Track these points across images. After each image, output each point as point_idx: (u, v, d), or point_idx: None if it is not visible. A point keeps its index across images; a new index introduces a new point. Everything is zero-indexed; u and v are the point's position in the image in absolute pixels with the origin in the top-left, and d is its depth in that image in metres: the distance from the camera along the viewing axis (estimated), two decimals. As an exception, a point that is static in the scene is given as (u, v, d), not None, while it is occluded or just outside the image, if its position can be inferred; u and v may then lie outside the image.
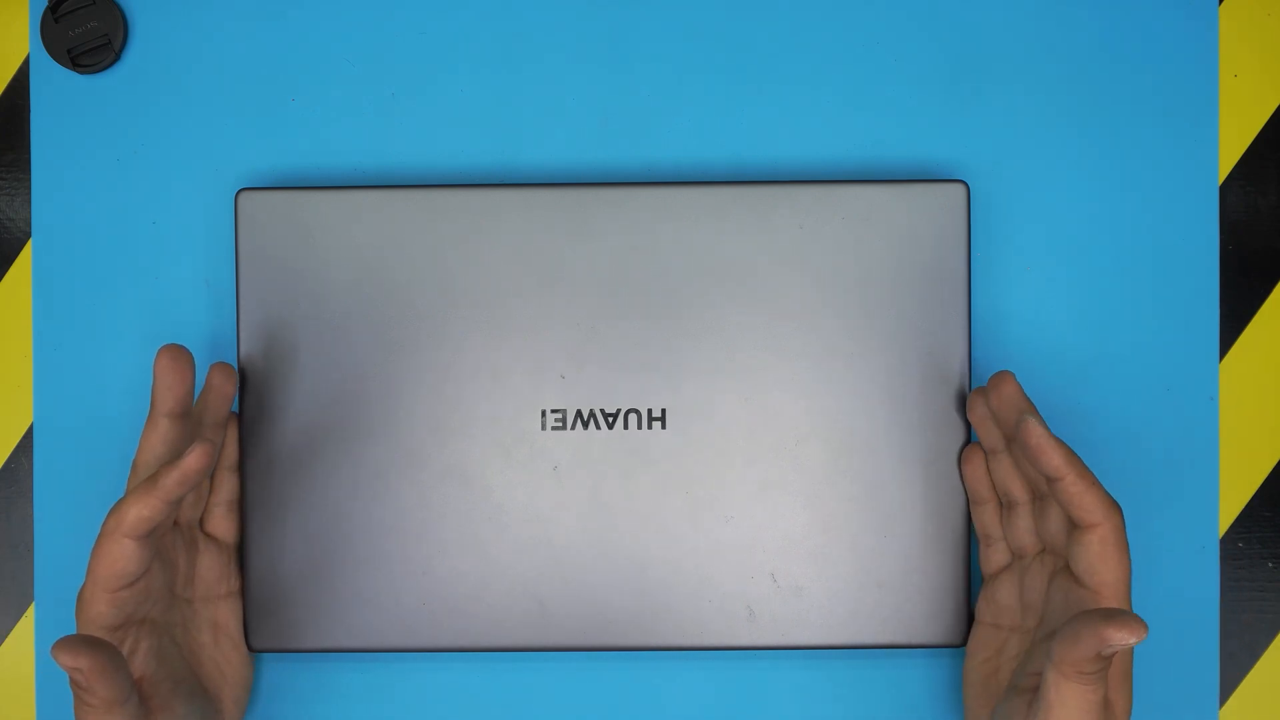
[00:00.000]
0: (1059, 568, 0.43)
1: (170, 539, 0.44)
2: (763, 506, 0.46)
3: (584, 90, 0.49)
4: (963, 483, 0.46)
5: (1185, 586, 0.49)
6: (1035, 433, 0.40)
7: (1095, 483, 0.41)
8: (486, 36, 0.50)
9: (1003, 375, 0.43)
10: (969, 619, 0.46)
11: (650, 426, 0.46)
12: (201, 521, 0.46)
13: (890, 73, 0.49)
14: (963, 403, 0.46)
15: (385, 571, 0.46)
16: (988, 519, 0.46)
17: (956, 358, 0.46)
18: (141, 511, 0.40)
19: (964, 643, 0.46)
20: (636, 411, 0.46)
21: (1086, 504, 0.40)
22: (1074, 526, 0.41)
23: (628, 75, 0.49)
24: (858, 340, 0.46)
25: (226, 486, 0.46)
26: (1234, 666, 0.49)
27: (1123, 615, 0.37)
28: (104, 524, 0.41)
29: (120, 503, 0.40)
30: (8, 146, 0.50)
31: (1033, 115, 0.49)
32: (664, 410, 0.46)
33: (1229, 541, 0.49)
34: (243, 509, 0.46)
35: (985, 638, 0.45)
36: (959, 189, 0.46)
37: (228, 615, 0.46)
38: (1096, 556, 0.40)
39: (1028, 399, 0.43)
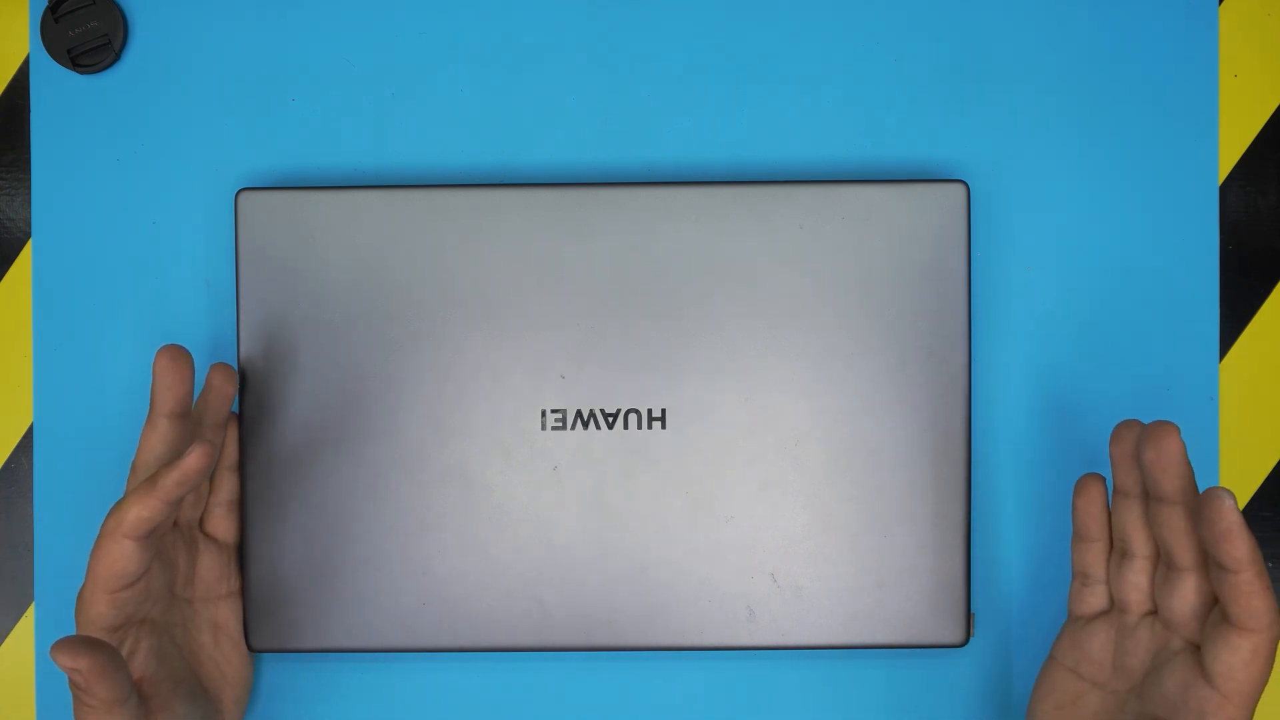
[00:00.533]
0: (1176, 647, 0.40)
1: (170, 539, 0.44)
2: (763, 506, 0.46)
3: (584, 90, 0.49)
4: (1074, 514, 0.43)
5: (1185, 586, 0.49)
6: (1229, 516, 0.36)
7: (1270, 586, 0.37)
8: (486, 36, 0.50)
9: (1168, 430, 0.38)
10: (968, 619, 0.46)
11: (650, 426, 0.46)
12: (201, 521, 0.46)
13: (890, 73, 0.49)
14: (963, 404, 0.46)
15: (385, 571, 0.46)
16: (1091, 559, 0.43)
17: (957, 358, 0.46)
18: (141, 512, 0.40)
19: (964, 643, 0.46)
20: (636, 411, 0.46)
21: (1255, 607, 0.37)
22: (1225, 622, 0.37)
23: (628, 75, 0.49)
24: (858, 340, 0.46)
25: (226, 486, 0.46)
26: (1234, 666, 0.49)
27: None
28: (104, 524, 0.41)
29: (120, 503, 0.40)
30: (8, 146, 0.50)
31: (1033, 115, 0.49)
32: (664, 410, 0.46)
33: (1229, 541, 0.49)
34: (243, 509, 0.46)
35: (1062, 682, 0.43)
36: (959, 189, 0.46)
37: (228, 615, 0.46)
38: (1242, 663, 0.37)
39: (1189, 465, 0.39)
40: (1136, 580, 0.41)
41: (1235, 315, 0.50)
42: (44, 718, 0.49)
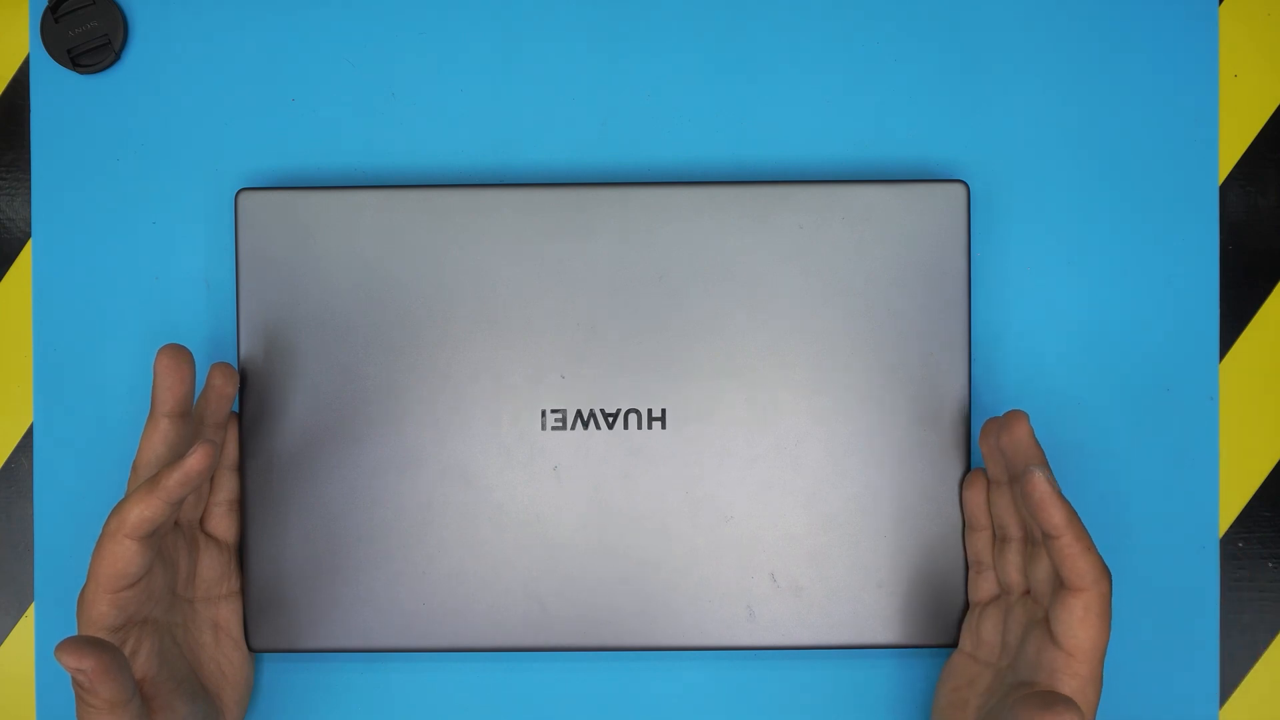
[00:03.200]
0: (1039, 617, 0.42)
1: (171, 539, 0.44)
2: (763, 506, 0.46)
3: (584, 90, 0.49)
4: (960, 505, 0.46)
5: (1185, 586, 0.49)
6: (1040, 487, 0.40)
7: (1091, 546, 0.40)
8: (486, 36, 0.50)
9: (1016, 416, 0.42)
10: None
11: (650, 426, 0.46)
12: (202, 521, 0.46)
13: (890, 73, 0.49)
14: (963, 404, 0.46)
15: (385, 571, 0.46)
16: (980, 546, 0.46)
17: (956, 357, 0.46)
18: (144, 512, 0.40)
19: (964, 643, 0.47)
20: (636, 411, 0.46)
21: (1079, 567, 0.40)
22: (1061, 585, 0.41)
23: (628, 75, 0.49)
24: (858, 340, 0.46)
25: (227, 486, 0.46)
26: (1234, 666, 0.49)
27: (1062, 702, 0.38)
28: (105, 524, 0.41)
29: (122, 503, 0.40)
30: (8, 146, 0.50)
31: (1033, 115, 0.49)
32: (664, 410, 0.46)
33: (1229, 541, 0.49)
34: (243, 509, 0.46)
35: (960, 666, 0.45)
36: (959, 189, 0.46)
37: (229, 615, 0.46)
38: (1078, 621, 0.40)
39: (1038, 445, 0.42)
40: (1014, 560, 0.44)
41: (1235, 315, 0.50)
42: (44, 718, 0.49)
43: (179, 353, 0.43)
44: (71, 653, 0.38)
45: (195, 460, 0.40)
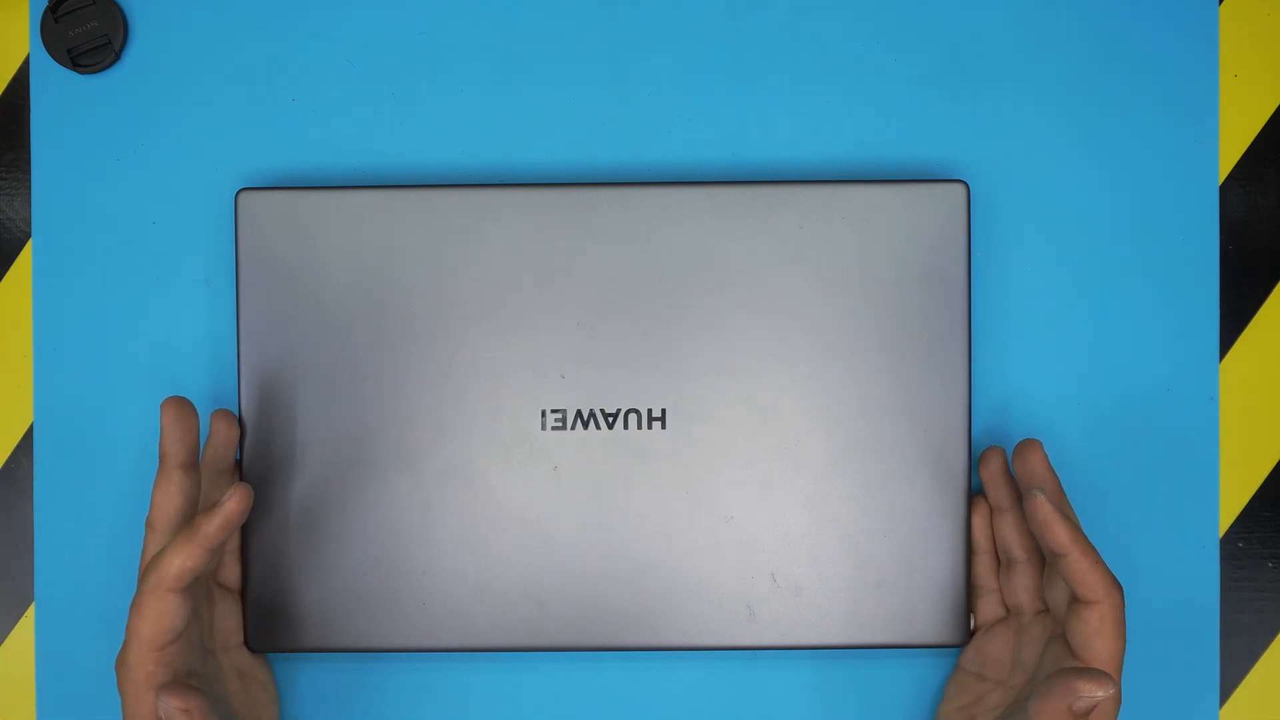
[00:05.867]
0: (1058, 634, 0.43)
1: (199, 591, 0.44)
2: (763, 506, 0.46)
3: (584, 90, 0.49)
4: (968, 530, 0.47)
5: (1185, 586, 0.49)
6: (1043, 509, 0.41)
7: (1099, 561, 0.41)
8: (486, 36, 0.50)
9: (1031, 445, 0.44)
10: (968, 619, 0.46)
11: (650, 426, 0.46)
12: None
13: (890, 73, 0.49)
14: (963, 404, 0.46)
15: (385, 571, 0.46)
16: (982, 570, 0.46)
17: (956, 357, 0.46)
18: (185, 562, 0.40)
19: (964, 643, 0.46)
20: (636, 411, 0.46)
21: (1090, 581, 0.41)
22: (1074, 600, 0.42)
23: (628, 75, 0.49)
24: (858, 340, 0.46)
25: (234, 535, 0.46)
26: (1234, 666, 0.49)
27: (1093, 670, 0.39)
28: (144, 581, 0.40)
29: (160, 556, 0.40)
30: (8, 146, 0.50)
31: (1033, 115, 0.49)
32: (664, 410, 0.46)
33: (1229, 541, 0.49)
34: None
35: (966, 684, 0.46)
36: (959, 189, 0.46)
37: (250, 661, 0.46)
38: (1093, 632, 0.41)
39: (1050, 470, 0.44)
40: (1023, 583, 0.45)
41: (1235, 315, 0.50)
42: (44, 717, 0.49)
43: (183, 404, 0.42)
44: (178, 694, 0.38)
45: (234, 504, 0.40)
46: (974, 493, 0.47)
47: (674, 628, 0.46)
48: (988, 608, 0.46)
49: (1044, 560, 0.45)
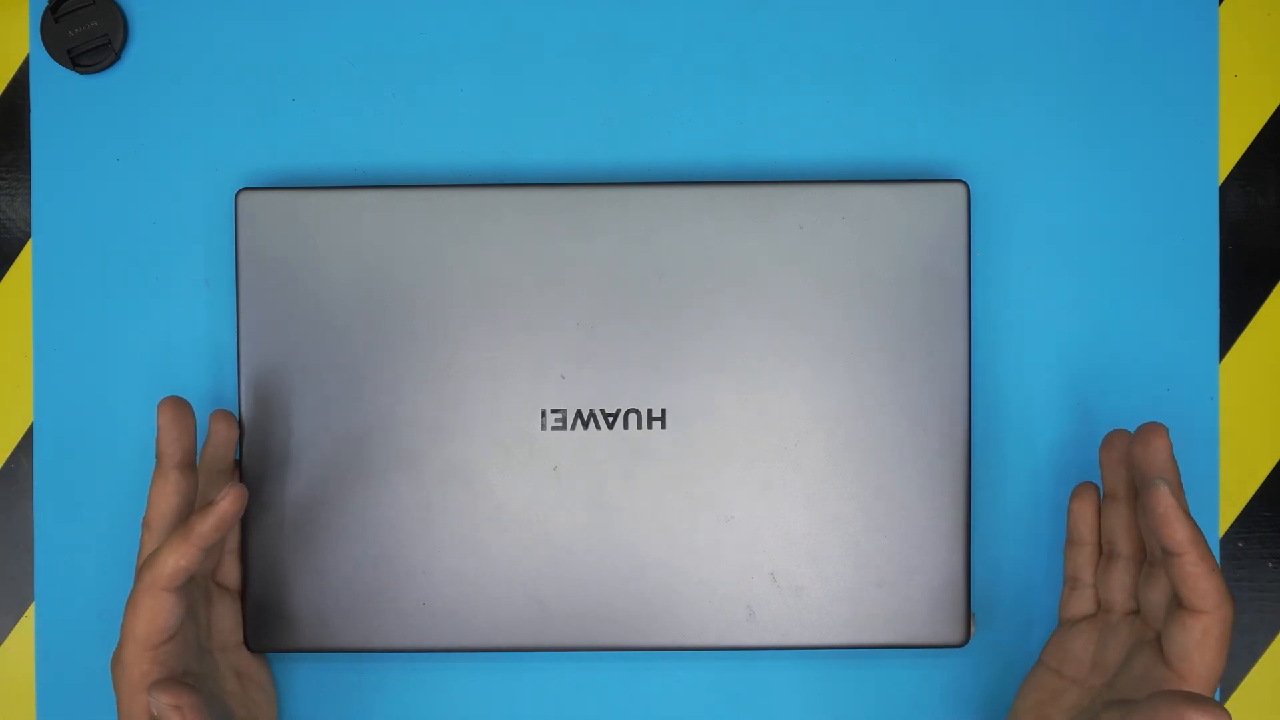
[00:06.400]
0: (1148, 638, 0.41)
1: (194, 590, 0.44)
2: (763, 506, 0.46)
3: (584, 90, 0.49)
4: (1068, 519, 0.45)
5: (1185, 586, 0.49)
6: (1165, 501, 0.39)
7: (1215, 569, 0.39)
8: (486, 36, 0.50)
9: (1156, 428, 0.41)
10: (968, 619, 0.46)
11: (650, 426, 0.46)
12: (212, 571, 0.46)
13: (890, 73, 0.49)
14: (963, 404, 0.46)
15: (385, 571, 0.46)
16: (1081, 562, 0.45)
17: (956, 357, 0.46)
18: (179, 561, 0.40)
19: (964, 643, 0.46)
20: (636, 411, 0.46)
21: (1202, 589, 0.39)
22: (1179, 606, 0.39)
23: (628, 75, 0.49)
24: (858, 340, 0.46)
25: (232, 534, 0.46)
26: (1234, 666, 0.49)
27: (1206, 701, 0.36)
28: (138, 580, 0.41)
29: (155, 555, 0.40)
30: (8, 146, 0.50)
31: (1033, 115, 0.49)
32: (664, 410, 0.46)
33: (1229, 541, 0.49)
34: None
35: (1044, 681, 0.44)
36: (959, 189, 0.46)
37: (248, 661, 0.46)
38: (1195, 644, 0.39)
39: (1174, 462, 0.41)
40: (1121, 580, 0.43)
41: (1235, 315, 0.50)
42: (44, 717, 0.49)
43: (180, 404, 0.43)
44: (170, 691, 0.38)
45: (228, 504, 0.40)
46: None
47: (674, 628, 0.46)
48: (1079, 602, 0.45)
49: (1145, 558, 0.43)
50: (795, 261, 0.46)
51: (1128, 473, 0.43)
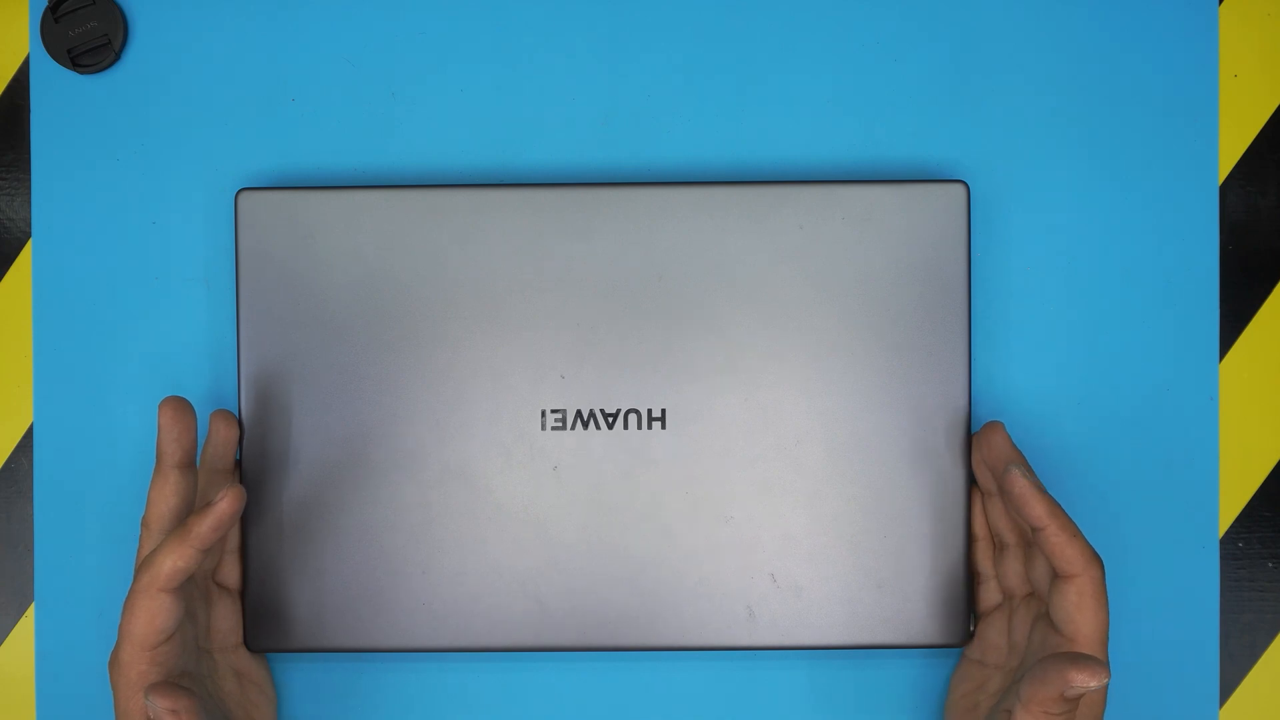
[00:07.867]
0: (1042, 612, 0.43)
1: (192, 591, 0.44)
2: (763, 506, 0.46)
3: (584, 90, 0.49)
4: (967, 532, 0.47)
5: (1185, 586, 0.49)
6: (1019, 483, 0.42)
7: (1077, 534, 0.41)
8: (486, 36, 0.50)
9: (992, 426, 0.44)
10: (969, 619, 0.46)
11: (650, 426, 0.46)
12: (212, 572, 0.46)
13: (890, 73, 0.49)
14: (963, 404, 0.46)
15: (385, 571, 0.46)
16: (980, 557, 0.47)
17: (956, 357, 0.46)
18: (177, 562, 0.40)
19: (964, 643, 0.46)
20: (636, 411, 0.46)
21: (1068, 555, 0.41)
22: (1055, 575, 0.42)
23: (628, 75, 0.49)
24: (858, 340, 0.46)
25: (233, 534, 0.46)
26: (1234, 666, 0.49)
27: (1086, 658, 0.38)
28: (136, 581, 0.41)
29: (152, 556, 0.40)
30: (8, 146, 0.50)
31: (1033, 115, 0.49)
32: (664, 410, 0.46)
33: (1229, 541, 0.49)
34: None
35: (969, 672, 0.46)
36: (959, 189, 0.46)
37: (248, 661, 0.46)
38: (1074, 606, 0.41)
39: (1015, 449, 0.44)
40: (1013, 566, 0.45)
41: (1235, 315, 0.50)
42: (44, 717, 0.49)
43: (181, 404, 0.43)
44: (166, 695, 0.38)
45: (226, 504, 0.40)
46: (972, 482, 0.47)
47: (674, 628, 0.46)
48: (987, 595, 0.47)
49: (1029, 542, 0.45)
50: (795, 262, 0.46)
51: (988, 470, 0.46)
